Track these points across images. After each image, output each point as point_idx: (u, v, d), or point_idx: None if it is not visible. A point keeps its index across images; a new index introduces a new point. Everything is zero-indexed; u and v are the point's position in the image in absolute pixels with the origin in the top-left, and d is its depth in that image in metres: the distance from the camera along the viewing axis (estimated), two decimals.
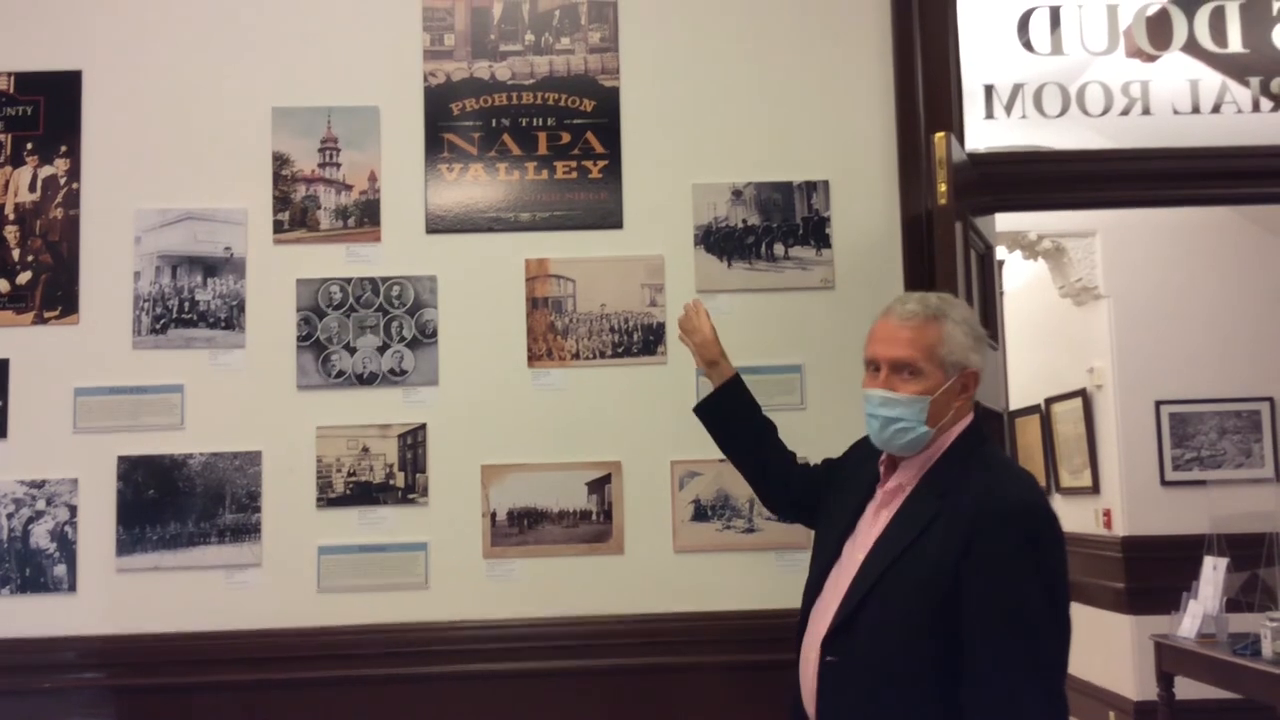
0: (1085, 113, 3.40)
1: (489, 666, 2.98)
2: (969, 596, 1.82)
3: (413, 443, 3.05)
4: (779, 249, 3.13)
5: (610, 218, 3.13)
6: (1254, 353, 5.84)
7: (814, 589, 2.06)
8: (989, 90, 3.41)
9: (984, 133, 3.44)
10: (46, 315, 3.07)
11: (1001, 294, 5.87)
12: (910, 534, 1.90)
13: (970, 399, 2.01)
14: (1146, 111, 3.43)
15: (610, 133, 3.15)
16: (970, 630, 1.81)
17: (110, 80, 3.15)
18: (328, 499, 3.03)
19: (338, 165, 3.13)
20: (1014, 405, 6.92)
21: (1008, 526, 1.83)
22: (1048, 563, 1.84)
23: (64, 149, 3.12)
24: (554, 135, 3.15)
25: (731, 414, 2.53)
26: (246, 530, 3.01)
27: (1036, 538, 1.84)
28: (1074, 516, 6.34)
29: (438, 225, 3.12)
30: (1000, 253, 5.83)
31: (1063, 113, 3.40)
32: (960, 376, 1.98)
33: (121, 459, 3.02)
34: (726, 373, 2.54)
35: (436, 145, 3.14)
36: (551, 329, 3.09)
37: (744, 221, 3.13)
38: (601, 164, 3.14)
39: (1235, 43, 3.39)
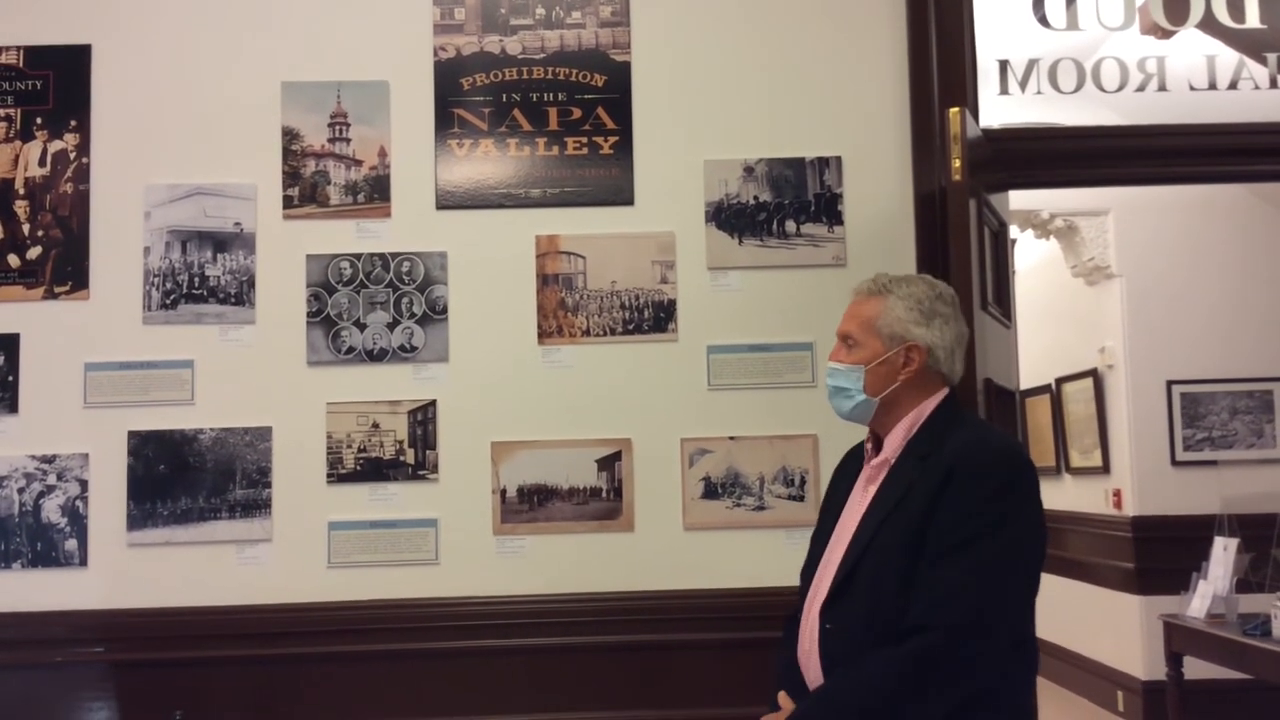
0: (1101, 89, 3.37)
1: (498, 642, 2.99)
2: (934, 530, 1.87)
3: (423, 419, 3.05)
4: (791, 226, 3.11)
5: (621, 194, 3.11)
6: (1266, 333, 5.80)
7: (809, 571, 2.12)
8: (1004, 66, 3.37)
9: (998, 109, 3.41)
10: (57, 290, 3.07)
11: (1013, 273, 5.85)
12: (895, 497, 1.96)
13: (919, 371, 2.05)
14: (1162, 88, 3.40)
15: (621, 108, 3.13)
16: (929, 553, 1.86)
17: (120, 54, 3.13)
18: (338, 475, 3.03)
19: (347, 140, 3.12)
20: (1024, 385, 6.86)
21: (983, 471, 1.89)
22: (1022, 510, 1.90)
23: (74, 124, 3.11)
24: (565, 110, 3.13)
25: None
26: (257, 506, 3.02)
27: (1011, 483, 1.90)
28: (1084, 496, 6.33)
29: (448, 201, 3.11)
30: (1012, 231, 5.81)
31: (1078, 89, 3.37)
32: (902, 349, 2.04)
33: (132, 434, 3.02)
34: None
35: (446, 120, 3.13)
36: (562, 306, 3.08)
37: (756, 198, 3.11)
38: (612, 140, 3.12)
39: (1253, 18, 3.35)
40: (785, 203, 3.11)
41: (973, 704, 1.86)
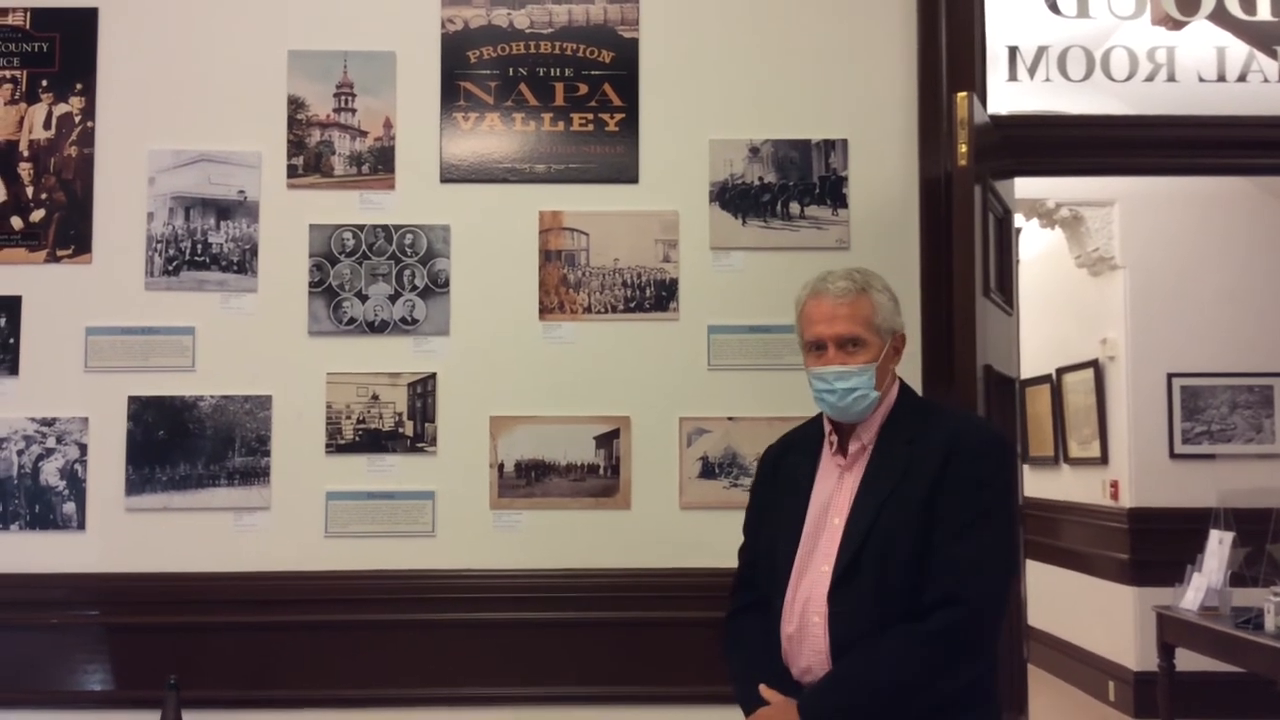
0: (1110, 78, 3.36)
1: (493, 615, 3.00)
2: (944, 508, 1.97)
3: (422, 392, 3.05)
4: (795, 208, 3.10)
5: (626, 172, 3.10)
6: (1268, 327, 5.80)
7: (785, 564, 2.10)
8: (1013, 52, 3.37)
9: (1006, 95, 3.39)
10: (59, 254, 3.07)
11: (1017, 261, 5.85)
12: (891, 481, 2.03)
13: (899, 359, 2.18)
14: (1171, 79, 3.39)
15: (628, 85, 3.12)
16: (943, 530, 1.97)
17: (126, 18, 3.12)
18: (337, 445, 3.04)
19: (353, 111, 3.11)
20: (1025, 374, 6.84)
21: (982, 457, 2.03)
22: (1012, 487, 2.21)
23: (79, 87, 3.10)
24: (571, 86, 3.12)
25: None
26: (255, 474, 3.02)
27: (1004, 468, 2.07)
28: (1081, 487, 6.34)
29: (452, 174, 3.10)
30: (1017, 220, 5.80)
31: (1087, 77, 3.36)
32: (893, 340, 2.14)
33: (132, 399, 3.03)
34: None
35: (452, 93, 3.12)
36: (564, 282, 3.08)
37: (760, 179, 3.10)
38: (618, 117, 3.12)
39: (1264, 11, 3.34)
40: (790, 184, 3.10)
41: (983, 674, 2.02)
